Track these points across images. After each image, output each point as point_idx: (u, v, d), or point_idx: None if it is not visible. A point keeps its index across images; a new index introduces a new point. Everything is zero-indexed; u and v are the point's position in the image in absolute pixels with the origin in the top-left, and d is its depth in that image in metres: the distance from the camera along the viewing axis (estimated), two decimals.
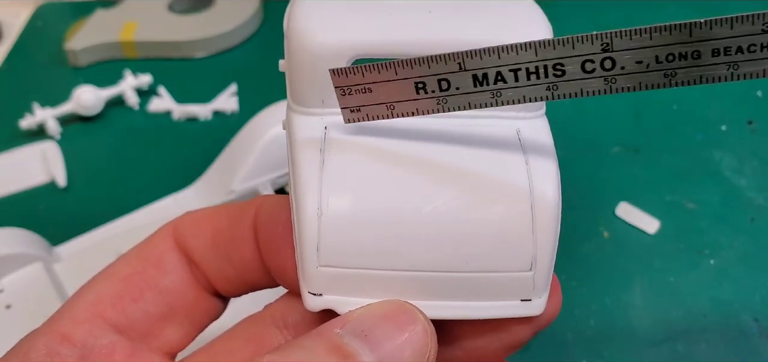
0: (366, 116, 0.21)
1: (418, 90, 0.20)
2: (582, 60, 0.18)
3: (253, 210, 0.24)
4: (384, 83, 0.20)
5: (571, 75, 0.18)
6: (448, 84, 0.19)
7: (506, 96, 0.19)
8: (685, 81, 0.18)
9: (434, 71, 0.19)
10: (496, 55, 0.19)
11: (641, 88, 0.18)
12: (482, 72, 0.19)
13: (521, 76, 0.19)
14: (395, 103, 0.20)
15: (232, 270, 0.24)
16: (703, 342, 0.39)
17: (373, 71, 0.20)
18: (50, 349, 0.22)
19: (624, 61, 0.18)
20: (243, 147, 0.46)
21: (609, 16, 0.67)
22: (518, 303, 0.21)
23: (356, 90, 0.20)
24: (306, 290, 0.21)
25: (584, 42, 0.18)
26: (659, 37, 0.17)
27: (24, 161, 0.53)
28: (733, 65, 0.17)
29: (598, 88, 0.18)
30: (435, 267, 0.20)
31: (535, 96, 0.19)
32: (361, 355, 0.19)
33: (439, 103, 0.20)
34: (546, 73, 0.18)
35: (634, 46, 0.18)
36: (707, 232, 0.45)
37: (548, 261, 0.21)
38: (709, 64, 0.17)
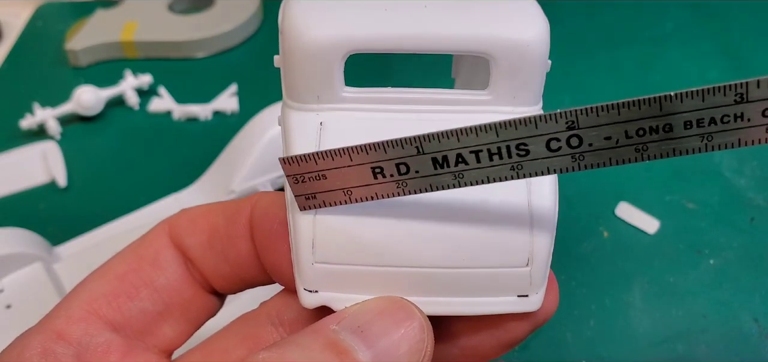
0: (322, 203, 0.20)
1: (375, 174, 0.19)
2: (547, 139, 0.18)
3: (248, 207, 0.24)
4: (339, 169, 0.19)
5: (536, 154, 0.18)
6: (406, 168, 0.19)
7: (469, 177, 0.19)
8: (658, 154, 0.17)
9: (391, 156, 0.19)
10: (455, 138, 0.18)
11: (611, 163, 0.18)
12: (442, 154, 0.18)
13: (483, 157, 0.18)
14: (352, 188, 0.19)
15: (228, 268, 0.24)
16: (703, 342, 0.39)
17: (327, 157, 0.19)
18: (45, 348, 0.22)
19: (591, 138, 0.17)
20: (243, 147, 0.46)
21: (609, 15, 0.67)
22: (515, 299, 0.21)
23: (309, 177, 0.20)
24: (301, 287, 0.21)
25: (548, 121, 0.17)
26: (628, 112, 0.17)
27: (24, 161, 0.53)
28: (707, 136, 0.17)
29: (566, 166, 0.18)
30: (431, 263, 0.20)
31: (498, 176, 0.18)
32: (356, 351, 0.19)
33: (398, 186, 0.19)
34: (509, 153, 0.18)
35: (602, 123, 0.17)
36: (707, 232, 0.45)
37: (545, 256, 0.21)
38: (681, 136, 0.17)
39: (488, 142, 0.18)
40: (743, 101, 0.16)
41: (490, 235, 0.20)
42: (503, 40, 0.21)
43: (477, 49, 0.21)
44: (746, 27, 0.64)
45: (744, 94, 0.16)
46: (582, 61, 0.61)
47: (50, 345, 0.22)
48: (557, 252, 0.21)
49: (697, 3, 0.67)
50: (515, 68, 0.21)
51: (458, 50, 0.21)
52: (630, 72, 0.60)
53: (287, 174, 0.20)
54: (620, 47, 0.63)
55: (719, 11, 0.66)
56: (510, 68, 0.21)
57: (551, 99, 0.21)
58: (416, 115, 0.22)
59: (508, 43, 0.21)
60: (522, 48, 0.21)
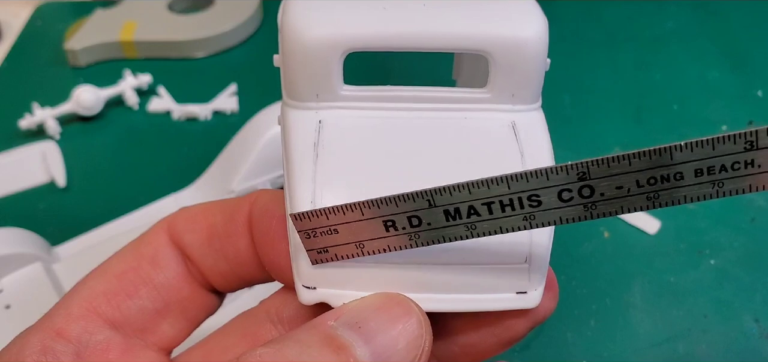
0: (334, 256, 0.20)
1: (387, 228, 0.19)
2: (558, 190, 0.18)
3: (247, 205, 0.24)
4: (351, 223, 0.19)
5: (548, 204, 0.18)
6: (418, 221, 0.19)
7: (481, 228, 0.19)
8: (669, 201, 0.17)
9: (403, 209, 0.19)
10: (467, 191, 0.18)
11: (623, 211, 0.18)
12: (454, 207, 0.18)
13: (495, 209, 0.18)
14: (365, 241, 0.19)
15: (226, 266, 0.24)
16: (704, 342, 0.39)
17: (337, 213, 0.19)
18: (45, 346, 0.22)
19: (603, 188, 0.17)
20: (242, 147, 0.46)
21: (609, 15, 0.67)
22: (514, 296, 0.21)
23: (321, 232, 0.19)
24: (300, 284, 0.21)
25: (559, 173, 0.17)
26: (638, 163, 0.17)
27: (24, 161, 0.53)
28: (718, 183, 0.17)
29: (578, 215, 0.18)
30: (429, 259, 0.20)
31: (511, 226, 0.18)
32: (355, 347, 0.19)
33: (411, 239, 0.19)
34: (521, 204, 0.18)
35: (613, 173, 0.17)
36: (708, 232, 0.45)
37: (544, 253, 0.21)
38: (692, 184, 0.17)
39: (500, 194, 0.18)
40: (753, 148, 0.16)
41: None
42: (502, 38, 0.21)
43: (475, 47, 0.21)
44: (747, 26, 0.64)
45: (754, 142, 0.16)
46: (582, 61, 0.61)
47: (50, 343, 0.22)
48: (558, 253, 0.21)
49: (697, 2, 0.67)
50: (514, 66, 0.21)
51: (457, 48, 0.21)
52: (630, 72, 0.60)
53: (298, 229, 0.20)
54: (620, 47, 0.63)
55: (720, 10, 0.66)
56: (508, 66, 0.21)
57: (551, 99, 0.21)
58: (415, 114, 0.22)
59: (506, 41, 0.21)
60: (520, 46, 0.21)
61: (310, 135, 0.21)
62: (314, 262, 0.20)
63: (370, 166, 0.21)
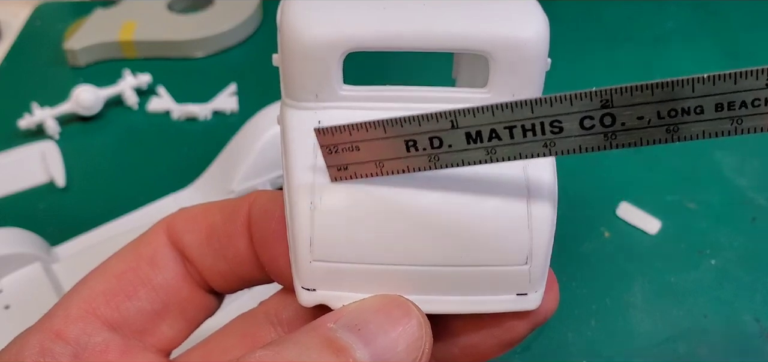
0: (354, 174, 0.20)
1: (408, 148, 0.19)
2: (581, 117, 0.18)
3: (246, 206, 0.24)
4: (372, 141, 0.19)
5: (569, 131, 0.18)
6: (440, 142, 0.19)
7: (501, 153, 0.19)
8: (688, 135, 0.17)
9: (425, 129, 0.19)
10: (490, 113, 0.18)
11: (643, 143, 0.18)
12: (475, 129, 0.18)
13: (517, 133, 0.18)
14: (385, 160, 0.20)
15: (226, 266, 0.24)
16: (704, 342, 0.39)
17: (360, 129, 0.19)
18: (43, 347, 0.22)
19: (624, 118, 0.17)
20: (242, 147, 0.46)
21: (609, 15, 0.67)
22: (514, 298, 0.21)
23: (343, 148, 0.20)
24: (299, 285, 0.21)
25: (583, 98, 0.17)
26: (661, 93, 0.17)
27: (23, 161, 0.53)
28: (737, 119, 0.17)
29: (598, 144, 0.18)
30: (429, 261, 0.20)
31: (531, 152, 0.18)
32: (354, 349, 0.19)
33: (430, 161, 0.19)
34: (543, 129, 0.18)
35: (635, 102, 0.17)
36: (708, 232, 0.45)
37: (544, 255, 0.21)
38: (712, 119, 0.17)
39: (523, 118, 0.18)
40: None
41: (489, 233, 0.20)
42: (502, 37, 0.21)
43: (475, 47, 0.21)
44: (747, 26, 0.64)
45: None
46: (582, 61, 0.61)
47: (48, 345, 0.22)
48: (558, 253, 0.21)
49: (697, 2, 0.67)
50: (514, 66, 0.21)
51: (456, 48, 0.21)
52: (630, 71, 0.60)
53: (321, 144, 0.20)
54: (620, 47, 0.63)
55: (720, 10, 0.66)
56: (509, 66, 0.21)
57: None
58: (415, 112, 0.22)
59: (506, 41, 0.21)
60: (521, 46, 0.21)
61: (309, 135, 0.21)
62: (333, 179, 0.20)
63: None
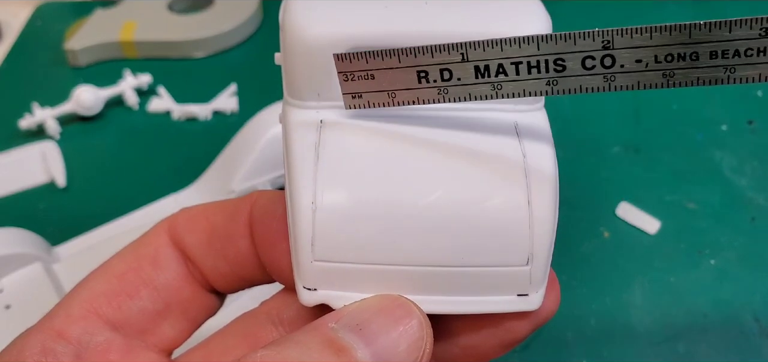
0: (367, 103, 0.21)
1: (420, 79, 0.20)
2: (583, 56, 0.18)
3: (248, 205, 0.24)
4: (386, 70, 0.20)
5: (572, 71, 0.18)
6: (449, 74, 0.19)
7: (507, 89, 0.19)
8: (683, 82, 0.18)
9: (437, 61, 0.19)
10: (498, 48, 0.19)
11: (640, 87, 0.18)
12: (484, 63, 0.19)
13: (522, 70, 0.19)
14: (397, 90, 0.20)
15: (227, 266, 0.24)
16: (704, 342, 0.39)
17: (376, 58, 0.20)
18: (45, 347, 0.22)
19: (623, 59, 0.18)
20: (243, 147, 0.46)
21: (609, 14, 0.67)
22: (515, 298, 0.21)
23: (359, 76, 0.20)
24: (301, 285, 0.21)
25: (585, 38, 0.18)
26: (659, 37, 0.17)
27: (23, 161, 0.53)
28: (730, 68, 0.17)
29: (598, 85, 0.18)
30: (431, 261, 0.20)
31: (535, 90, 0.19)
32: (355, 349, 0.19)
33: (440, 93, 0.20)
34: (547, 67, 0.19)
35: (634, 45, 0.18)
36: (708, 232, 0.45)
37: (545, 255, 0.21)
38: (706, 66, 0.17)
39: (529, 55, 0.19)
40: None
41: (490, 233, 0.20)
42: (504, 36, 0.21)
43: None
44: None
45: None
46: None
47: (50, 344, 0.22)
48: (558, 253, 0.21)
49: (697, 2, 0.67)
50: None
51: None
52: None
53: (339, 70, 0.21)
54: None
55: (720, 10, 0.66)
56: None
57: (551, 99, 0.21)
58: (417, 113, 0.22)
59: None
60: None
61: (311, 134, 0.21)
62: (348, 106, 0.21)
63: (372, 166, 0.20)
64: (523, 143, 0.21)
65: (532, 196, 0.20)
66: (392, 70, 0.20)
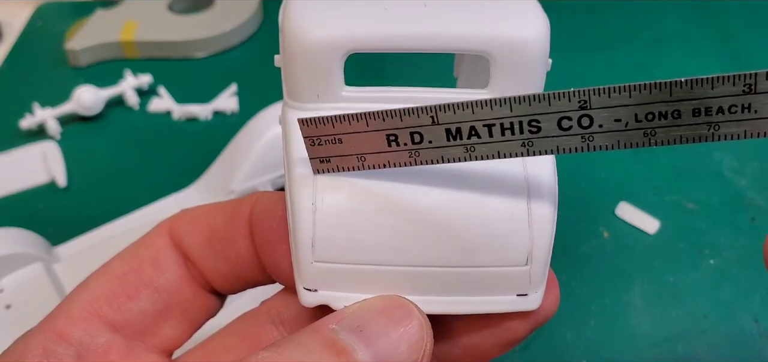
0: (336, 167, 0.20)
1: (389, 142, 0.19)
2: (559, 117, 0.18)
3: (248, 207, 0.24)
4: (355, 134, 0.19)
5: (548, 132, 0.18)
6: (420, 137, 0.19)
7: (480, 150, 0.19)
8: (665, 140, 0.17)
9: (406, 124, 0.19)
10: (470, 110, 0.18)
11: (620, 146, 0.18)
12: (455, 126, 0.18)
13: (495, 132, 0.18)
14: (366, 154, 0.20)
15: (227, 267, 0.24)
16: (703, 342, 0.39)
17: (343, 122, 0.19)
18: (46, 348, 0.22)
19: (602, 119, 0.17)
20: (243, 147, 0.46)
21: (609, 15, 0.67)
22: (514, 298, 0.21)
23: (326, 140, 0.20)
24: (301, 286, 0.21)
25: (561, 99, 0.17)
26: (638, 96, 0.17)
27: (24, 161, 0.53)
28: (714, 125, 0.17)
29: (575, 146, 0.18)
30: (430, 262, 0.20)
31: (509, 152, 0.19)
32: (356, 350, 0.19)
33: (411, 156, 0.19)
34: (521, 129, 0.18)
35: (613, 104, 0.17)
36: (707, 232, 0.45)
37: (544, 255, 0.21)
38: (689, 124, 0.17)
39: (502, 117, 0.18)
40: (751, 92, 0.16)
41: (490, 234, 0.20)
42: (502, 38, 0.21)
43: (476, 48, 0.21)
44: (747, 26, 0.64)
45: (752, 85, 0.16)
46: (582, 61, 0.61)
47: (51, 346, 0.22)
48: (557, 253, 0.21)
49: (697, 2, 0.67)
50: (515, 67, 0.21)
51: (457, 49, 0.21)
52: (630, 72, 0.60)
53: (304, 135, 0.20)
54: (620, 47, 0.63)
55: (720, 10, 0.66)
56: (509, 67, 0.21)
57: None
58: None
59: (507, 41, 0.21)
60: (521, 46, 0.21)
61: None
62: (316, 171, 0.20)
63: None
64: None
65: (531, 196, 0.20)
66: (360, 134, 0.19)
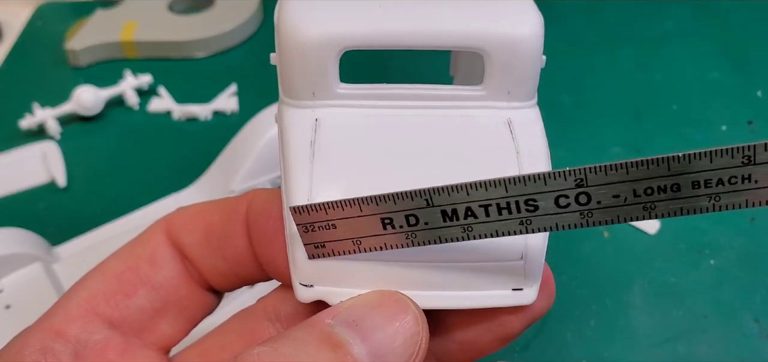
0: (331, 252, 0.20)
1: (384, 225, 0.19)
2: (555, 195, 0.18)
3: (244, 204, 0.24)
4: (348, 219, 0.19)
5: (545, 210, 0.18)
6: (416, 219, 0.19)
7: (477, 230, 0.19)
8: (666, 213, 0.17)
9: (400, 207, 0.19)
10: (464, 192, 0.18)
11: (619, 220, 0.18)
12: (451, 208, 0.18)
13: (492, 212, 0.18)
14: (362, 238, 0.20)
15: (224, 265, 0.24)
16: (704, 342, 0.39)
17: (336, 208, 0.19)
18: (44, 345, 0.22)
19: (600, 196, 0.17)
20: (243, 147, 0.46)
21: (609, 15, 0.67)
22: (509, 293, 0.21)
23: (319, 226, 0.20)
24: (297, 281, 0.21)
25: (557, 178, 0.17)
26: (636, 172, 0.17)
27: (24, 161, 0.53)
28: (715, 197, 0.17)
29: (574, 222, 0.18)
30: (426, 257, 0.20)
31: (507, 230, 0.18)
32: (351, 345, 0.19)
33: (408, 238, 0.19)
34: (518, 208, 0.18)
35: (610, 181, 0.17)
36: (707, 233, 0.45)
37: (539, 249, 0.21)
38: (689, 196, 0.17)
39: (497, 197, 0.18)
40: (751, 163, 0.16)
41: None
42: (497, 35, 0.21)
43: (471, 45, 0.21)
44: (747, 27, 0.64)
45: (752, 157, 0.16)
46: (582, 61, 0.61)
47: (49, 343, 0.22)
48: (558, 253, 0.21)
49: (697, 2, 0.67)
50: (509, 63, 0.21)
51: (452, 46, 0.21)
52: (630, 72, 0.60)
53: (297, 223, 0.20)
54: (620, 47, 0.63)
55: (720, 11, 0.66)
56: (504, 63, 0.21)
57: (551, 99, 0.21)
58: (412, 111, 0.22)
59: (501, 38, 0.21)
60: (515, 43, 0.21)
61: (306, 133, 0.21)
62: (311, 257, 0.20)
63: (367, 165, 0.21)
64: (516, 139, 0.21)
65: None
66: (354, 219, 0.19)
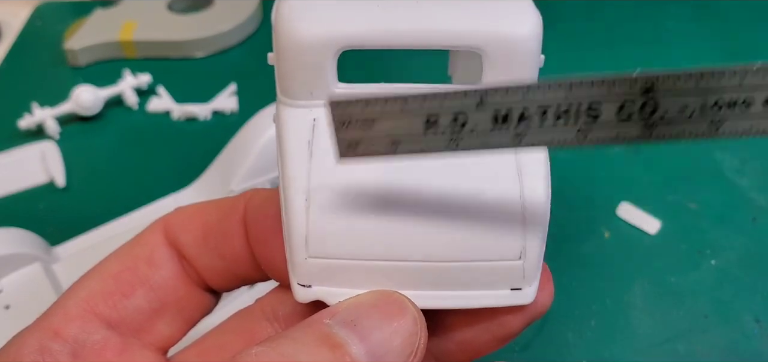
0: (365, 152, 0.18)
1: (428, 125, 0.17)
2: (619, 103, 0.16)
3: (242, 204, 0.24)
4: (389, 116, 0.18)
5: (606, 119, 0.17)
6: (464, 120, 0.17)
7: (529, 139, 0.17)
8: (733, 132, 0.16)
9: (450, 106, 0.17)
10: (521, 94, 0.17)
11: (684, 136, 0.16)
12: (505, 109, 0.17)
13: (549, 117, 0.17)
14: (400, 139, 0.18)
15: (222, 264, 0.24)
16: (704, 342, 0.39)
17: (377, 103, 0.17)
18: (42, 345, 0.22)
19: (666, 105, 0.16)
20: (242, 147, 0.46)
21: (609, 15, 0.67)
22: (508, 293, 0.21)
23: (357, 121, 0.18)
24: (295, 281, 0.21)
25: (622, 83, 0.16)
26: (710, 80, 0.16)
27: (23, 161, 0.53)
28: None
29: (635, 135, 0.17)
30: (424, 256, 0.20)
31: (562, 140, 0.17)
32: (350, 345, 0.19)
33: (451, 141, 0.17)
34: (578, 115, 0.17)
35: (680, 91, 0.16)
36: (708, 233, 0.45)
37: (538, 249, 0.21)
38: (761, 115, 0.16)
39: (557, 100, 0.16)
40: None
41: (483, 229, 0.20)
42: (494, 34, 0.21)
43: (469, 45, 0.21)
44: (747, 27, 0.64)
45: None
46: (582, 61, 0.61)
47: (47, 343, 0.22)
48: (558, 253, 0.21)
49: (697, 2, 0.67)
50: (507, 63, 0.21)
51: (450, 45, 0.21)
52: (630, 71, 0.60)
53: (335, 117, 0.18)
54: (620, 47, 0.63)
55: (720, 11, 0.66)
56: (502, 63, 0.21)
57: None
58: None
59: (499, 37, 0.21)
60: (514, 43, 0.21)
61: (304, 133, 0.21)
62: (343, 156, 0.18)
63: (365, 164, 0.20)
64: None
65: (524, 190, 0.20)
66: (396, 116, 0.17)
